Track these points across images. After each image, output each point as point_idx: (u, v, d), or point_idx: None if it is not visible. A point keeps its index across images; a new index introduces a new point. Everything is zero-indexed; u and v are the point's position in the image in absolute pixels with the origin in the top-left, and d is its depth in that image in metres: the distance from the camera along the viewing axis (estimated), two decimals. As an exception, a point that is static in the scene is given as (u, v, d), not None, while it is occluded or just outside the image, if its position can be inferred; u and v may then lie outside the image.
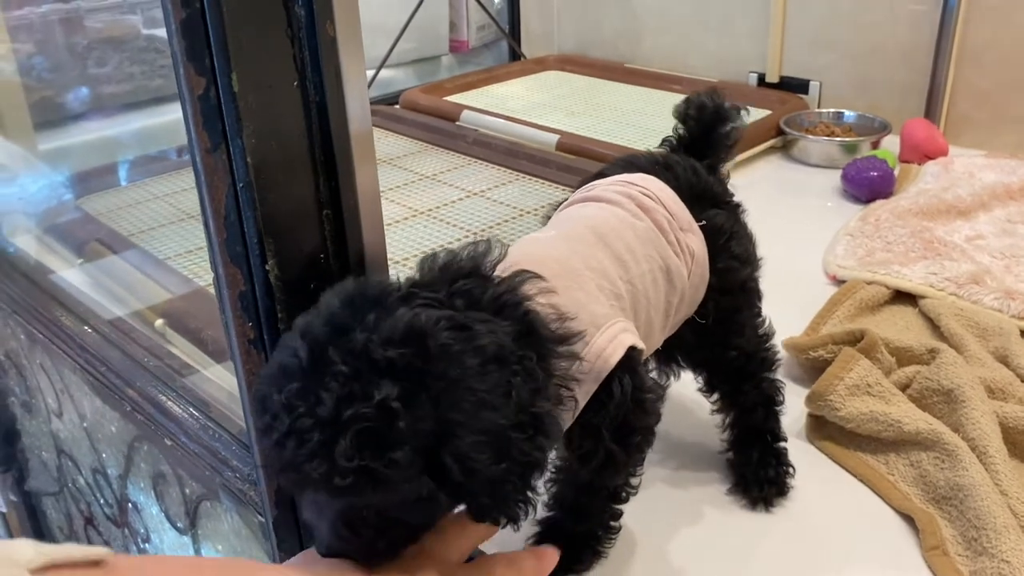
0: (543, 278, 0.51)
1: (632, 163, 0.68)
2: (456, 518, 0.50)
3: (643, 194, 0.62)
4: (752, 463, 0.69)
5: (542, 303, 0.50)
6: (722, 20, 1.65)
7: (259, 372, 0.52)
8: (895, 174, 1.24)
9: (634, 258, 0.59)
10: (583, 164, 1.28)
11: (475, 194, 1.28)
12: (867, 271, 0.99)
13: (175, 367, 0.88)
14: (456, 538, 0.51)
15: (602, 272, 0.57)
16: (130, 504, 1.01)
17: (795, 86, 1.56)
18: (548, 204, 1.20)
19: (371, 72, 1.74)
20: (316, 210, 0.53)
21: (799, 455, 0.71)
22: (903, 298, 0.96)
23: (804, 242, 1.10)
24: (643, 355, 0.56)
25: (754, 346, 0.67)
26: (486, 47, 2.04)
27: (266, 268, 0.52)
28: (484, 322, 0.46)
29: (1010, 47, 1.33)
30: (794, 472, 0.69)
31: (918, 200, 1.14)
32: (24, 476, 1.32)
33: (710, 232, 0.64)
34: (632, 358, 0.54)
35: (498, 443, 0.43)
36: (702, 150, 0.69)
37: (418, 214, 1.22)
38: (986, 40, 1.35)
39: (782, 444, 0.70)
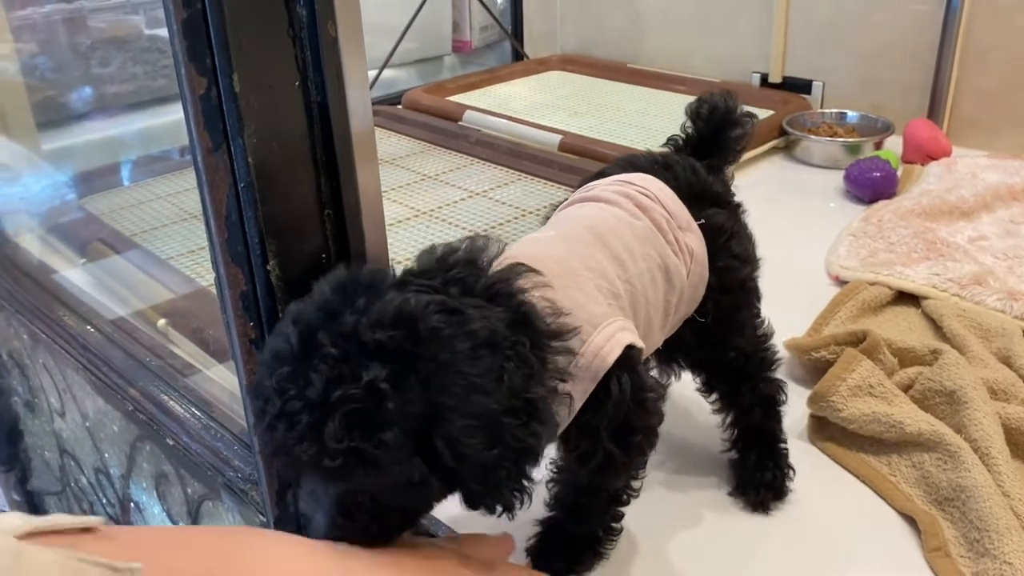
0: (539, 273, 0.51)
1: (632, 163, 0.68)
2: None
3: (641, 193, 0.62)
4: (750, 466, 0.69)
5: (537, 296, 0.50)
6: (725, 20, 1.65)
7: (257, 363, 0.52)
8: (898, 175, 1.24)
9: (632, 257, 0.59)
10: (586, 164, 1.28)
11: (477, 194, 1.28)
12: (870, 272, 0.99)
13: (177, 367, 0.88)
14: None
15: (600, 272, 0.56)
16: (132, 504, 1.01)
17: (798, 86, 1.56)
18: (550, 204, 1.20)
19: (374, 72, 1.74)
20: (317, 210, 0.53)
21: (801, 456, 0.71)
22: (906, 299, 0.96)
23: (807, 243, 1.10)
24: (642, 354, 0.56)
25: (753, 346, 0.67)
26: (489, 47, 2.04)
27: (267, 268, 0.52)
28: (477, 308, 0.46)
29: (1013, 48, 1.32)
30: (793, 475, 0.69)
31: (921, 201, 1.14)
32: (27, 476, 1.33)
33: (709, 231, 0.64)
34: (631, 357, 0.54)
35: (490, 428, 0.43)
36: (708, 151, 0.69)
37: (420, 214, 1.22)
38: (990, 41, 1.34)
39: (782, 446, 0.70)
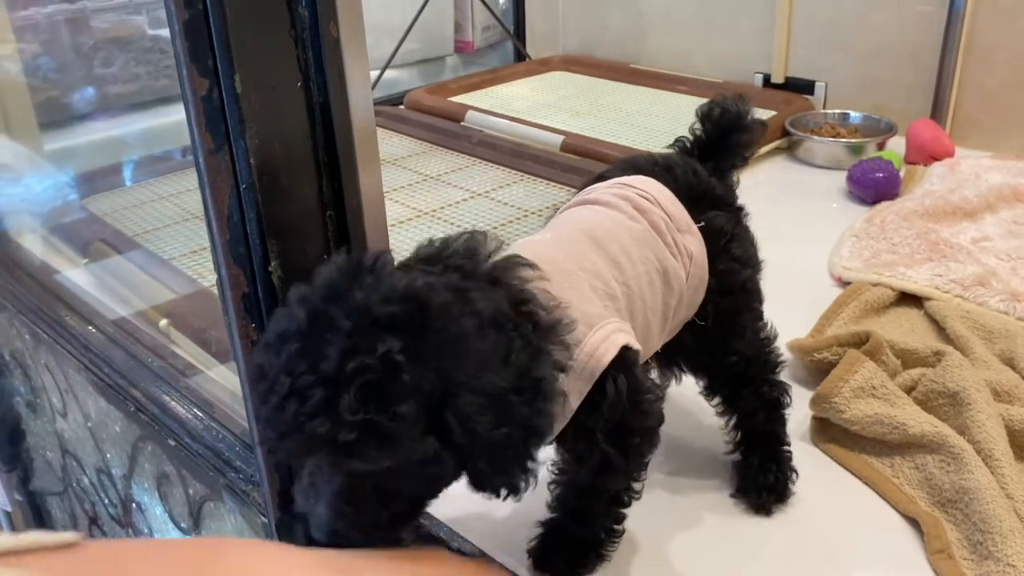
0: (537, 267, 0.51)
1: (632, 165, 0.68)
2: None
3: (640, 196, 0.62)
4: (752, 468, 0.68)
5: (537, 288, 0.50)
6: (727, 20, 1.65)
7: (254, 350, 0.52)
8: (901, 175, 1.24)
9: (629, 260, 0.58)
10: (588, 165, 1.28)
11: (479, 195, 1.28)
12: (872, 273, 0.99)
13: (179, 367, 0.88)
14: None
15: (595, 273, 0.56)
16: (134, 504, 1.01)
17: (801, 87, 1.55)
18: (553, 205, 1.20)
19: (376, 73, 1.74)
20: (319, 211, 0.53)
21: (803, 457, 0.71)
22: (908, 300, 0.96)
23: (809, 243, 1.09)
24: (640, 356, 0.56)
25: (755, 350, 0.67)
26: (491, 48, 2.04)
27: (269, 269, 0.52)
28: (480, 290, 0.46)
29: (1017, 48, 1.32)
30: (796, 477, 0.69)
31: (924, 202, 1.14)
32: (29, 476, 1.33)
33: (710, 233, 0.63)
34: (627, 358, 0.53)
35: (498, 406, 0.43)
36: (715, 154, 0.69)
37: (422, 215, 1.22)
38: (993, 41, 1.34)
39: (785, 448, 0.69)
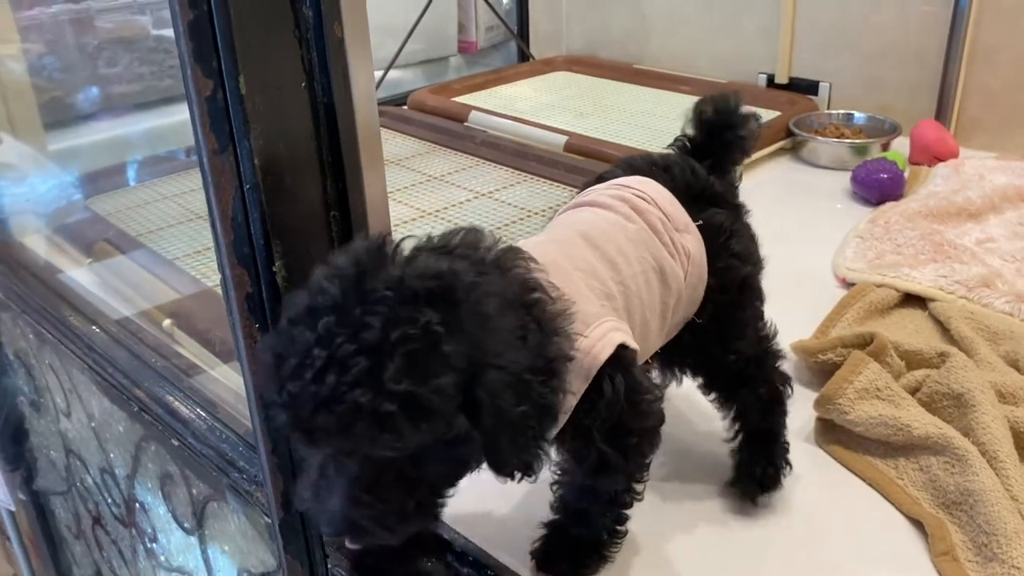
0: (536, 261, 0.51)
1: (631, 165, 0.68)
2: None
3: (637, 196, 0.62)
4: (744, 459, 0.68)
5: (541, 276, 0.51)
6: (731, 21, 1.65)
7: (263, 339, 0.52)
8: (905, 176, 1.24)
9: (626, 260, 0.58)
10: (591, 165, 1.28)
11: (483, 195, 1.28)
12: (877, 274, 0.98)
13: (182, 367, 0.88)
14: None
15: (591, 272, 0.56)
16: (137, 504, 1.01)
17: (805, 87, 1.55)
18: (556, 205, 1.20)
19: (379, 73, 1.74)
20: (323, 212, 0.53)
21: (807, 459, 0.71)
22: (913, 301, 0.96)
23: (813, 244, 1.09)
24: (637, 355, 0.55)
25: (754, 349, 0.67)
26: (495, 48, 2.04)
27: (273, 270, 0.52)
28: (494, 275, 0.47)
29: (1021, 48, 1.32)
30: (789, 470, 0.68)
31: (928, 202, 1.14)
32: (33, 475, 1.33)
33: (708, 232, 0.63)
34: (624, 357, 0.53)
35: (518, 385, 0.44)
36: (711, 152, 0.69)
37: (426, 215, 1.22)
38: (997, 41, 1.34)
39: (780, 445, 0.69)
